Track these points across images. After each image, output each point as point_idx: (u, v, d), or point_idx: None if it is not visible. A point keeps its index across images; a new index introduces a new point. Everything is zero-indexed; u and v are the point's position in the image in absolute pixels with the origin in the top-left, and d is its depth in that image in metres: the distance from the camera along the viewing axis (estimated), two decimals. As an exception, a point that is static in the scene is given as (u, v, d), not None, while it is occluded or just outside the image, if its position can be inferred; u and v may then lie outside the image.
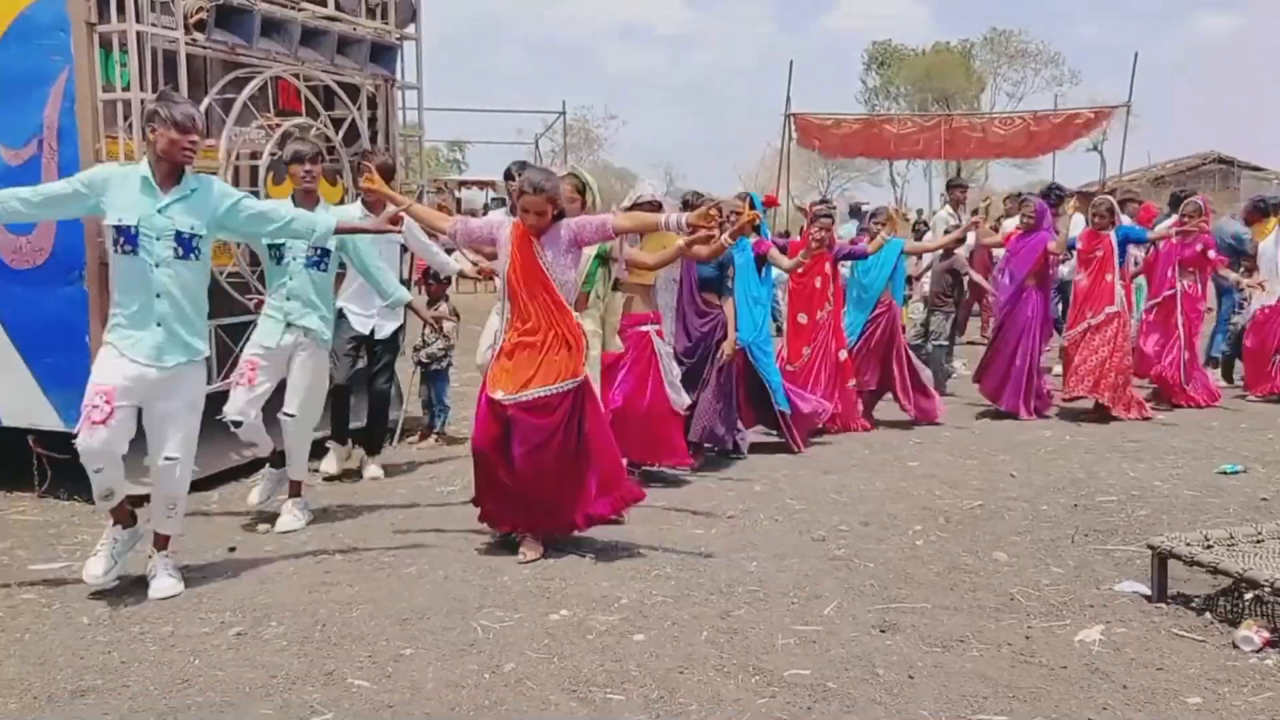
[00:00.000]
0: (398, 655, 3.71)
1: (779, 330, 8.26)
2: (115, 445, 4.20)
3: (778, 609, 4.16)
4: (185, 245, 4.29)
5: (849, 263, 7.95)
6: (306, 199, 5.43)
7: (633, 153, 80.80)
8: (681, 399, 6.07)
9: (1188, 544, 4.20)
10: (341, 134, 7.04)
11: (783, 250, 7.51)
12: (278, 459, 5.61)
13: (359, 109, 7.16)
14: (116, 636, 3.94)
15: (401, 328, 6.66)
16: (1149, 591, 4.34)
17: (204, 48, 5.98)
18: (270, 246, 5.37)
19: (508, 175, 6.36)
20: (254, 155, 6.61)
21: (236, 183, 6.32)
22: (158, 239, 4.24)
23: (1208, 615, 4.14)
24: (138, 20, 5.54)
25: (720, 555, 4.85)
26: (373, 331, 6.37)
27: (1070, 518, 5.48)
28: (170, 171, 4.30)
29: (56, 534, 5.28)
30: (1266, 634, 3.83)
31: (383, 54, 7.27)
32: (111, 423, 4.13)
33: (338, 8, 6.84)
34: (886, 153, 23.99)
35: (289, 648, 3.79)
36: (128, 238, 4.22)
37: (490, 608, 4.17)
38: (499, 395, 4.70)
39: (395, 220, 5.10)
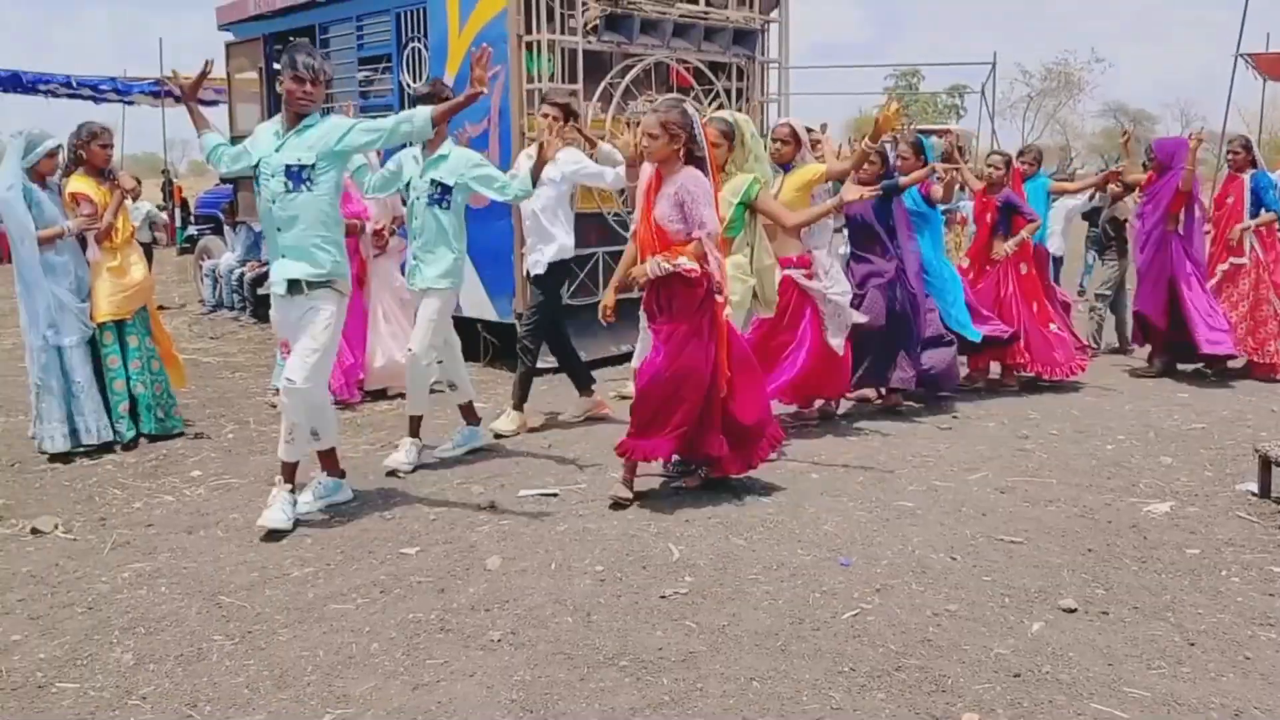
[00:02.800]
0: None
1: None
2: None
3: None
4: (294, 178, 4.54)
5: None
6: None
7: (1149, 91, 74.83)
8: (839, 340, 6.16)
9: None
10: (711, 104, 8.94)
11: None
12: (471, 412, 5.97)
13: (728, 81, 9.03)
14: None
15: (562, 264, 6.43)
16: (1255, 489, 5.08)
17: (598, 46, 8.15)
18: (406, 188, 5.64)
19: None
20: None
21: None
22: (271, 176, 4.57)
23: (1284, 506, 4.85)
24: (550, 31, 7.83)
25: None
26: (527, 271, 6.54)
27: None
28: (294, 117, 4.59)
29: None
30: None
31: (745, 37, 9.06)
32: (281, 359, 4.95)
33: (708, 2, 8.74)
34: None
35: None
36: (255, 179, 4.69)
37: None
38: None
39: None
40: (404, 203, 5.98)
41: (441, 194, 5.48)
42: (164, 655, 3.49)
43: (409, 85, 8.70)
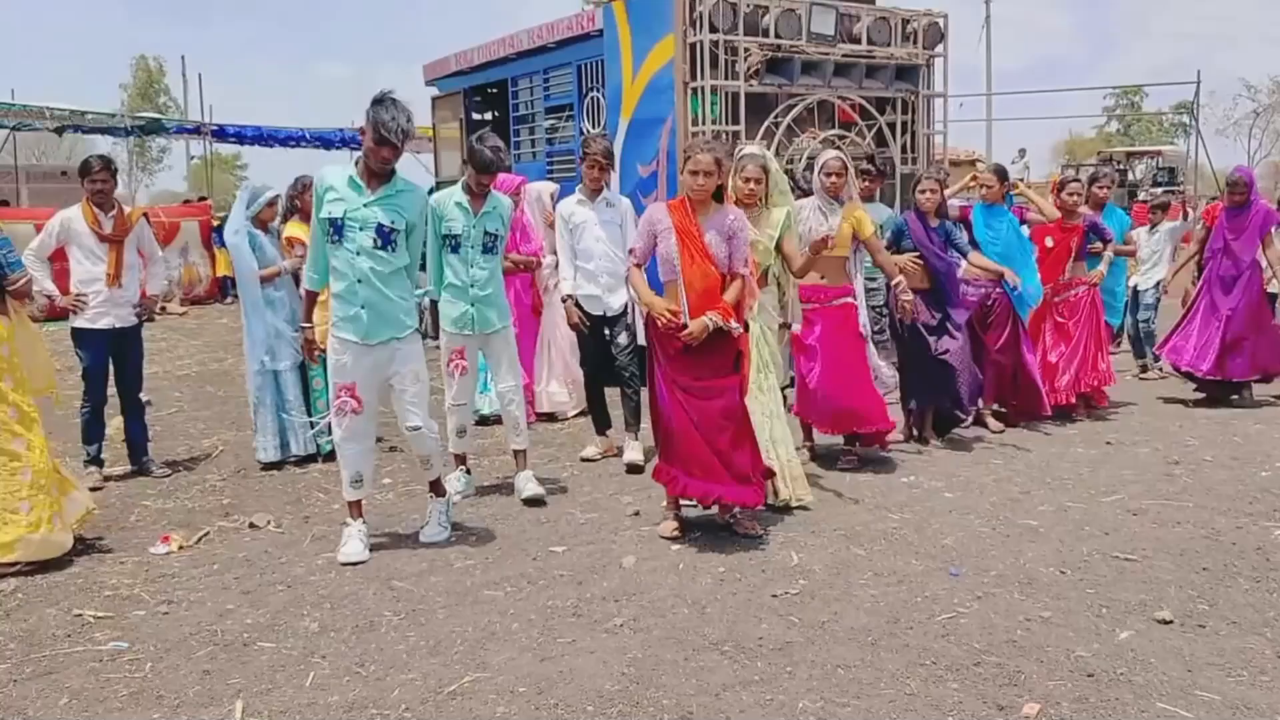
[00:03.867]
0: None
1: None
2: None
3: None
4: (385, 237, 4.77)
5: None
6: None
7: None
8: (881, 369, 6.36)
9: None
10: (870, 138, 9.24)
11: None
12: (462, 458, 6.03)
13: (889, 118, 9.32)
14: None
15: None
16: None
17: (759, 89, 8.61)
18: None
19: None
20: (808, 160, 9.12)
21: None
22: (360, 229, 4.73)
23: None
24: (714, 76, 8.36)
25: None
26: (604, 311, 6.53)
27: None
28: (372, 172, 4.75)
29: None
30: None
31: (908, 72, 9.31)
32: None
33: (870, 41, 9.06)
34: None
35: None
36: (336, 229, 4.75)
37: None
38: None
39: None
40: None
41: (493, 241, 5.67)
42: (342, 625, 4.15)
43: (589, 131, 9.41)
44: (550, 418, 8.10)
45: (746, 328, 5.13)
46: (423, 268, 5.46)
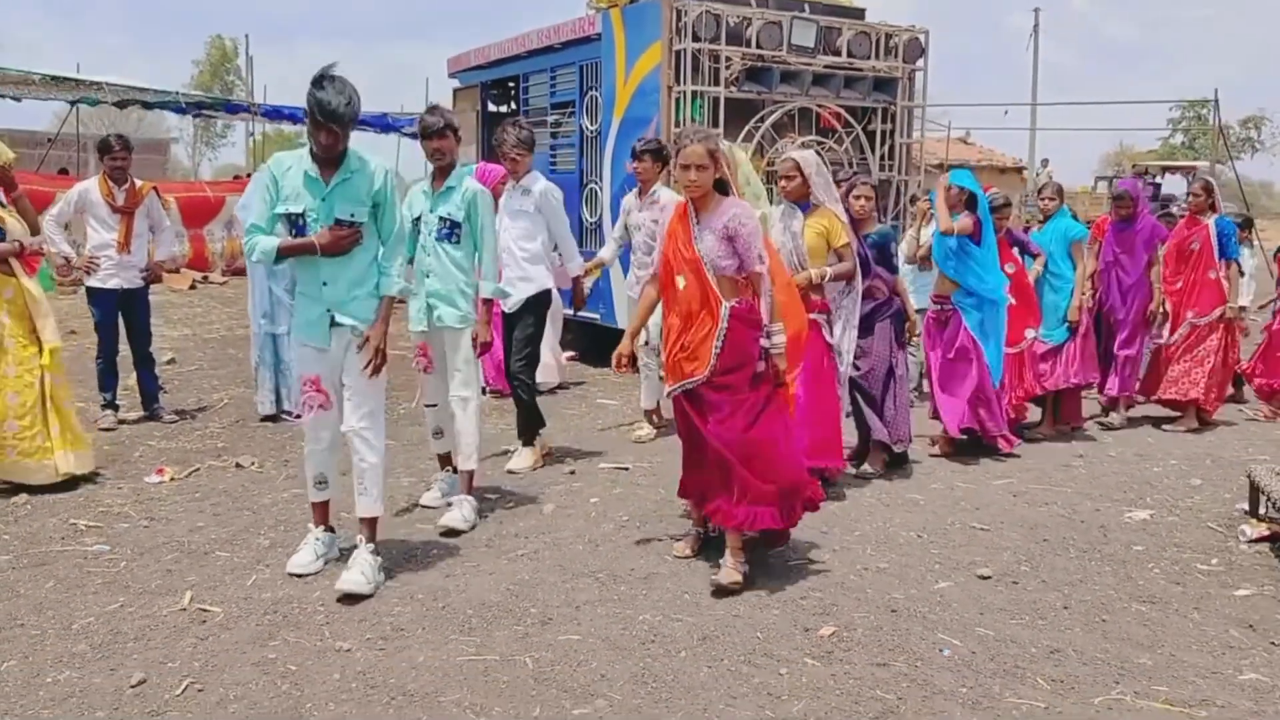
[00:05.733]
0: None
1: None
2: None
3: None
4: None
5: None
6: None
7: None
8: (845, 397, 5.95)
9: (1266, 474, 5.36)
10: (847, 145, 9.84)
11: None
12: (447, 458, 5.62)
13: (864, 127, 9.93)
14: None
15: (537, 298, 6.31)
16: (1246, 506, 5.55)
17: (739, 95, 9.26)
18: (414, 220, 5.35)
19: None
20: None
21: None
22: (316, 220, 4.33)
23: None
24: (696, 82, 9.03)
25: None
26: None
27: None
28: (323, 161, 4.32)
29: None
30: (1263, 532, 5.05)
31: (887, 84, 9.91)
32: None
33: (850, 54, 9.67)
34: None
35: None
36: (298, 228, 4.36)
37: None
38: None
39: None
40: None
41: (449, 229, 5.31)
42: (290, 543, 4.89)
43: (587, 127, 10.12)
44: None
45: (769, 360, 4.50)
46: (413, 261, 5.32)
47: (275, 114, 22.98)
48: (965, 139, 35.12)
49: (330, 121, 4.13)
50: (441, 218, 5.28)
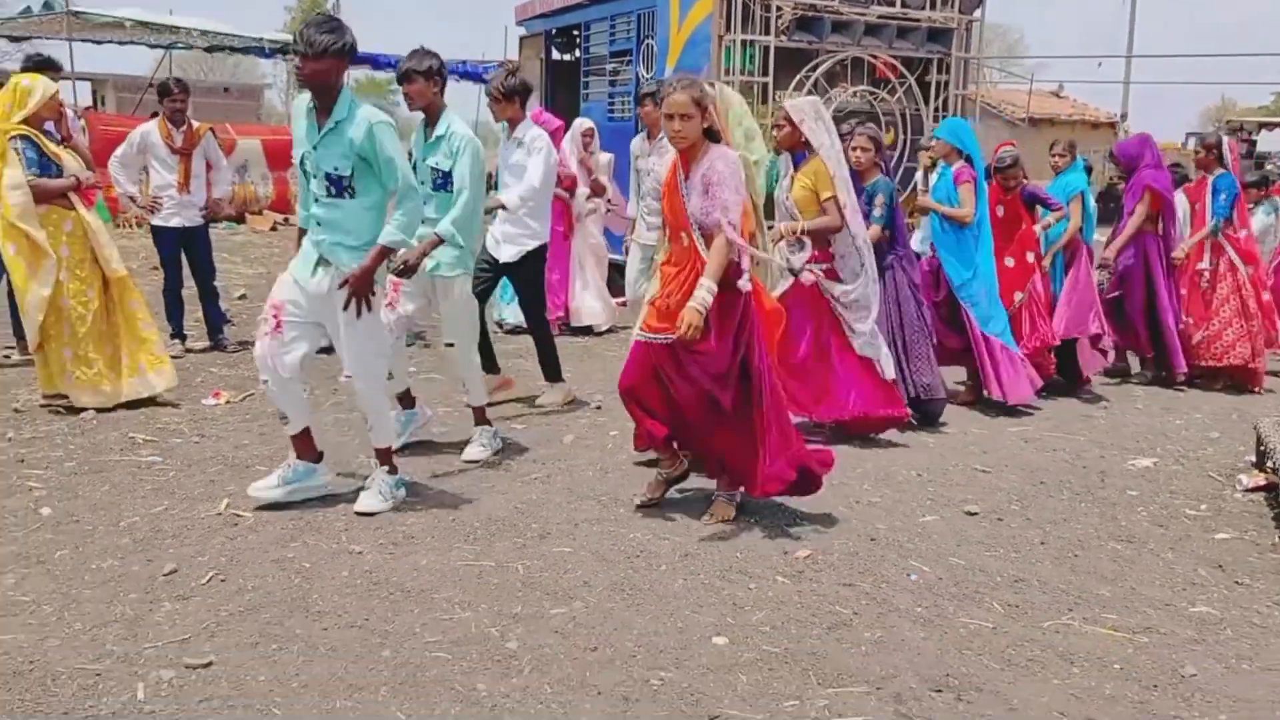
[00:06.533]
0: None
1: None
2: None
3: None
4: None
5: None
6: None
7: None
8: (866, 341, 5.78)
9: (1271, 427, 5.42)
10: (900, 95, 9.87)
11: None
12: (406, 398, 5.61)
13: (919, 78, 9.94)
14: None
15: (531, 253, 6.18)
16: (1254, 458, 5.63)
17: (789, 45, 9.35)
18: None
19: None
20: (839, 111, 9.81)
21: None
22: (314, 176, 4.42)
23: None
24: (747, 31, 9.15)
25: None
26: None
27: None
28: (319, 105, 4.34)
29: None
30: (1260, 481, 5.14)
31: (941, 34, 9.89)
32: None
33: (904, 4, 9.68)
34: None
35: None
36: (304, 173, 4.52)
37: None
38: None
39: None
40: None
41: (442, 179, 5.25)
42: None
43: (643, 75, 10.31)
44: (588, 330, 9.07)
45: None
46: None
47: (362, 60, 23.50)
48: (1058, 92, 34.23)
49: (304, 46, 4.14)
50: (433, 167, 5.23)
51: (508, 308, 8.62)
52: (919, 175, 7.75)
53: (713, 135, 4.37)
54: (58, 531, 4.30)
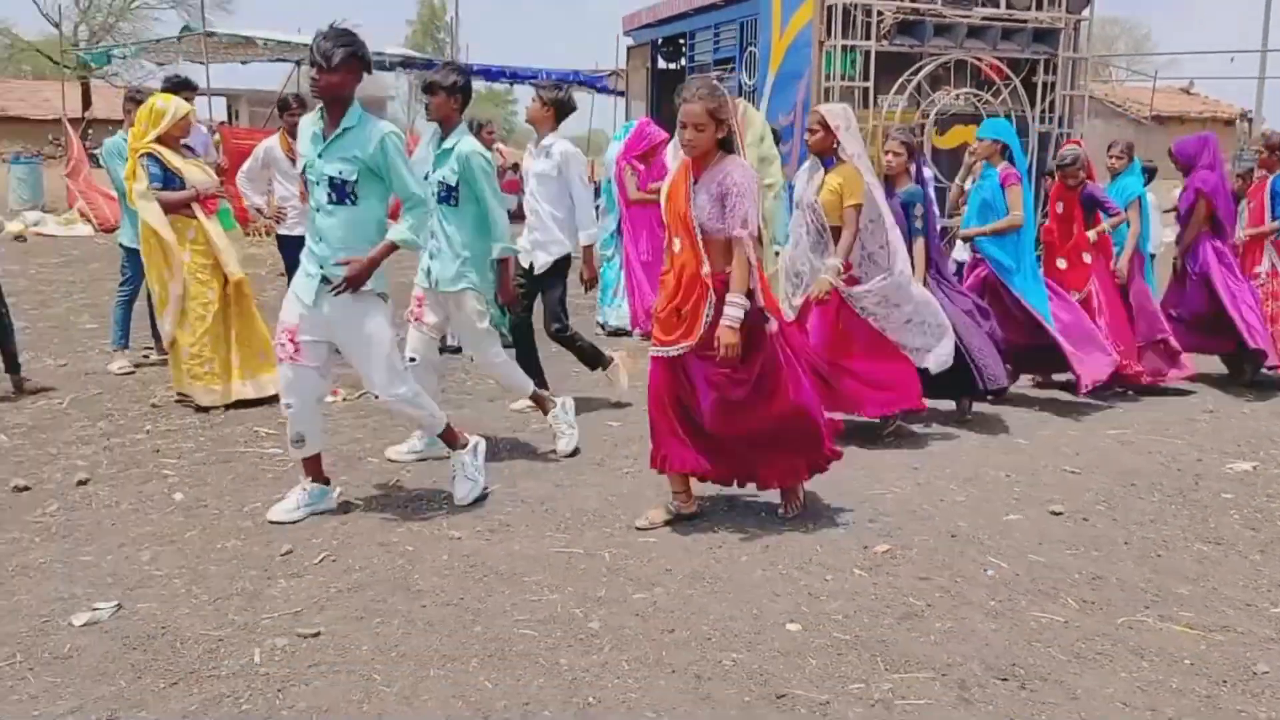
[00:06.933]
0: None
1: None
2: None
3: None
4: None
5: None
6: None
7: None
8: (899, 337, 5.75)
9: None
10: (1002, 98, 9.79)
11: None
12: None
13: (1025, 80, 9.85)
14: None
15: (563, 260, 6.25)
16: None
17: (891, 49, 9.39)
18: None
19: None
20: (942, 114, 9.80)
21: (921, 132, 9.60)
22: (317, 184, 4.47)
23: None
24: (848, 37, 9.22)
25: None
26: (531, 265, 6.26)
27: None
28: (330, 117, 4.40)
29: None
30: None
31: (1047, 35, 9.79)
32: None
33: (1009, 5, 9.62)
34: None
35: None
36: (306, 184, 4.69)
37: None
38: None
39: None
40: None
41: (447, 193, 5.28)
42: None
43: (745, 83, 10.47)
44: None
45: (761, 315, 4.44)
46: None
47: (480, 73, 24.20)
48: (1188, 89, 33.08)
49: (319, 59, 4.23)
50: (439, 181, 5.25)
51: (611, 310, 8.85)
52: (958, 178, 7.51)
53: (728, 145, 4.36)
54: (188, 515, 4.69)
